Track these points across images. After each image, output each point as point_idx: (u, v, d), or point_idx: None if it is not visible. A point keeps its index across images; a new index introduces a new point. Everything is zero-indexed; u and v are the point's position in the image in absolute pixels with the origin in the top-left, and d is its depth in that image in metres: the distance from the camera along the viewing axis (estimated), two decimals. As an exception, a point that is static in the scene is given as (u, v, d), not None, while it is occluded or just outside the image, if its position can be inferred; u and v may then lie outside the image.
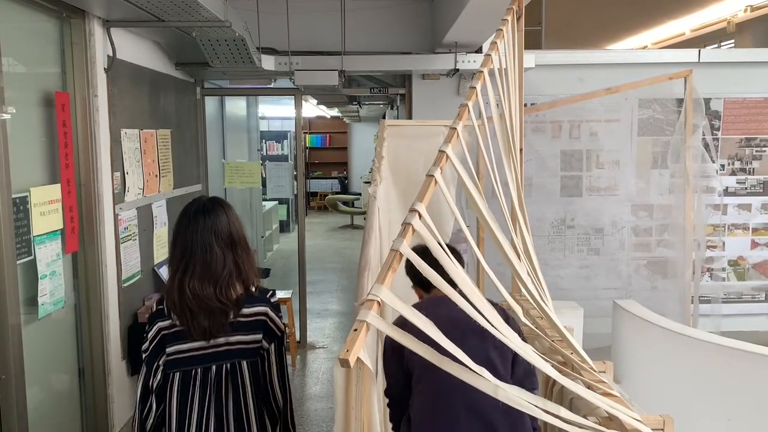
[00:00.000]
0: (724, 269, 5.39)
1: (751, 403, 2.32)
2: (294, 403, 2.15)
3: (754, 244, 5.39)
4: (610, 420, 1.53)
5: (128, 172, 3.85)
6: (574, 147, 5.16)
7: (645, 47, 14.28)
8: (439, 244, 1.31)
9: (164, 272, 4.36)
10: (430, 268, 1.27)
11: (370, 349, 1.40)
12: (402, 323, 1.23)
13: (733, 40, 13.51)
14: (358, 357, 1.08)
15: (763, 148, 5.32)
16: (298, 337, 5.52)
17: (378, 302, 1.16)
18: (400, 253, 1.25)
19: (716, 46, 13.36)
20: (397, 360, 1.97)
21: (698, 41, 13.44)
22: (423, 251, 1.30)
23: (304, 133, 16.20)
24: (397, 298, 1.21)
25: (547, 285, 2.22)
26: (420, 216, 1.35)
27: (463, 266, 2.41)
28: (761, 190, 5.35)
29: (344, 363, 1.05)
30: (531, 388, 2.00)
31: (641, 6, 12.11)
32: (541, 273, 2.23)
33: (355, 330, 1.09)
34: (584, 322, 3.55)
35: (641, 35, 14.96)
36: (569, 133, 5.15)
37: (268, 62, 4.66)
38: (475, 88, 2.02)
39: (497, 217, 1.93)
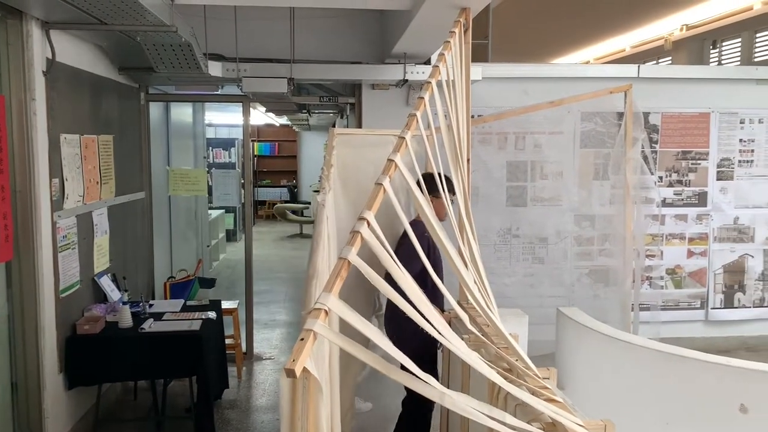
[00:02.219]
0: (662, 277, 5.58)
1: (689, 407, 2.40)
2: (240, 415, 2.37)
3: (690, 254, 5.61)
4: (553, 425, 1.56)
5: (67, 178, 3.72)
6: (520, 158, 5.27)
7: (587, 62, 14.76)
8: (388, 253, 1.31)
9: (105, 282, 4.22)
10: (378, 276, 1.27)
11: (318, 359, 1.39)
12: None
13: (670, 57, 14.15)
14: (304, 367, 1.07)
15: (698, 161, 5.54)
16: (244, 348, 5.43)
17: (325, 311, 1.15)
18: (348, 261, 1.25)
19: (654, 62, 13.93)
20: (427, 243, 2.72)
21: (638, 57, 14.01)
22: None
23: (253, 140, 16.02)
24: (345, 306, 1.20)
25: (493, 293, 2.26)
26: (368, 224, 1.35)
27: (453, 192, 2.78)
28: (696, 202, 5.57)
29: (290, 373, 1.03)
30: None
31: (584, 22, 12.55)
32: (488, 281, 2.26)
33: (302, 339, 1.08)
34: (529, 329, 3.62)
35: (584, 51, 15.49)
36: (515, 145, 5.26)
37: (215, 68, 4.59)
38: (423, 98, 2.04)
39: (445, 226, 1.95)
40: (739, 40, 13.08)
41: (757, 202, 5.60)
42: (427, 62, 4.83)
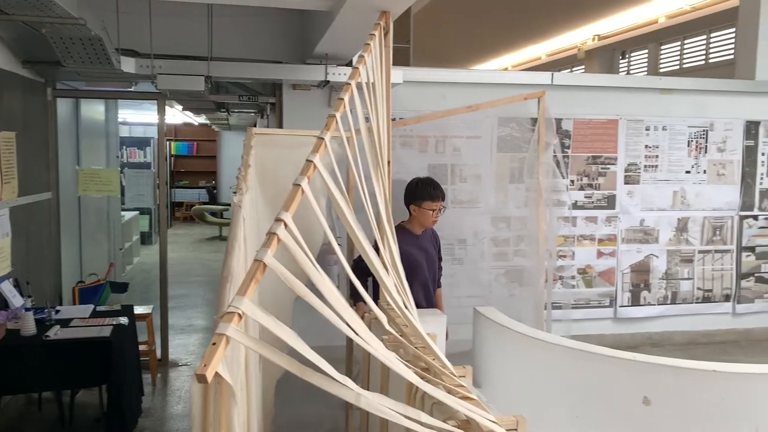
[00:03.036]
0: (573, 277, 5.81)
1: (597, 401, 2.51)
2: (155, 423, 2.28)
3: (600, 254, 5.87)
4: (468, 423, 1.59)
5: (-37, 177, 3.48)
6: (440, 161, 5.35)
7: (506, 69, 15.26)
8: (306, 255, 1.30)
9: (6, 288, 3.96)
10: (294, 278, 1.25)
11: (233, 364, 1.36)
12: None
13: (583, 66, 14.83)
14: (216, 372, 1.04)
15: (608, 166, 5.81)
16: (159, 355, 5.24)
17: (239, 314, 1.12)
18: (264, 263, 1.23)
19: (569, 70, 14.57)
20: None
21: (553, 65, 14.58)
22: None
23: (170, 140, 15.54)
24: (260, 309, 1.18)
25: (412, 294, 2.29)
26: (285, 225, 1.33)
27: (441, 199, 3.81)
28: (606, 204, 5.84)
29: (201, 379, 1.01)
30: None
31: (502, 31, 12.92)
32: (407, 282, 2.29)
33: (214, 344, 1.05)
34: (448, 329, 3.68)
35: (502, 58, 15.99)
36: (435, 148, 5.34)
37: (128, 64, 4.42)
38: (342, 99, 2.04)
39: (366, 229, 1.95)
40: (646, 51, 13.87)
41: (660, 205, 5.93)
42: (350, 64, 4.83)
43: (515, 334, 2.73)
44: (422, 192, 3.51)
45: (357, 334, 1.37)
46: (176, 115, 10.66)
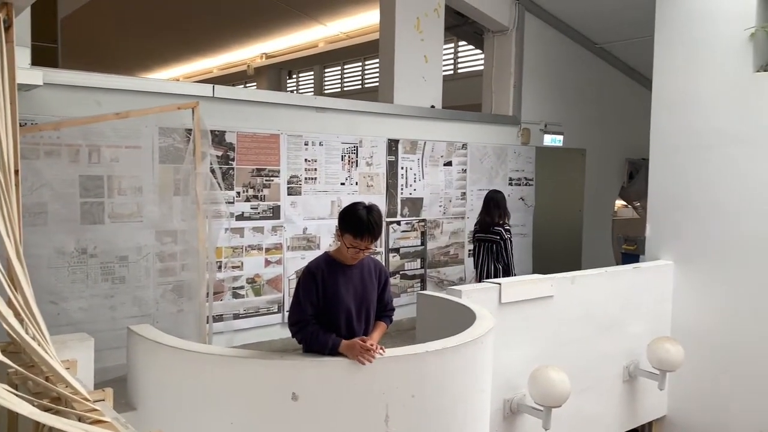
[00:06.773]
0: (243, 287, 5.92)
1: (250, 403, 2.59)
2: None
3: (267, 263, 6.09)
4: (97, 449, 1.50)
5: None
6: (94, 172, 4.95)
7: (178, 79, 14.93)
8: None
9: None
10: None
11: None
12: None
13: (255, 83, 15.29)
14: None
15: (272, 178, 6.07)
16: None
17: None
18: None
19: (243, 85, 14.92)
20: (314, 283, 3.04)
21: (228, 80, 14.75)
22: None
23: None
24: None
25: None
26: None
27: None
28: (271, 215, 6.08)
29: None
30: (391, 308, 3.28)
31: (169, 42, 12.59)
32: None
33: None
34: (108, 353, 3.42)
35: (175, 69, 15.61)
36: (89, 158, 4.92)
37: None
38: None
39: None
40: (312, 73, 14.92)
41: (320, 214, 6.40)
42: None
43: (168, 349, 2.66)
44: (349, 223, 2.96)
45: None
46: None
